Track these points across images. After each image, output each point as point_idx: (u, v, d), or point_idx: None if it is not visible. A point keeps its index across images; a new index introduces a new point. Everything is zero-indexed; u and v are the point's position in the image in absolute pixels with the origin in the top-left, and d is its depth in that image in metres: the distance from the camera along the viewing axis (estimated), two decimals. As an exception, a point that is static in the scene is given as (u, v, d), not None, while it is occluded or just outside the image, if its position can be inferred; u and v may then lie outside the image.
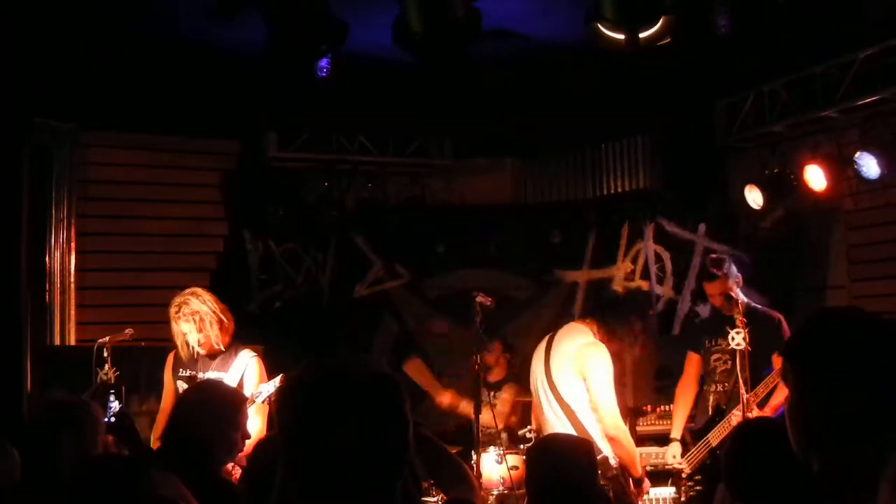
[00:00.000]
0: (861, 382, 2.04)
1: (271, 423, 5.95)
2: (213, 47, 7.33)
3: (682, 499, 6.76)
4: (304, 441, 2.12)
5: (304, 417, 2.14)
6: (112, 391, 6.00)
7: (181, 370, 6.07)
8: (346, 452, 2.08)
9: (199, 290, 6.05)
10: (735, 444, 3.65)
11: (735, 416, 6.34)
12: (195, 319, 5.90)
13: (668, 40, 5.50)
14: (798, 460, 2.15)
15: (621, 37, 5.32)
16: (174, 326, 5.97)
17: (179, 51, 7.43)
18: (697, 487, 6.68)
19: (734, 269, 6.71)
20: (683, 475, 6.74)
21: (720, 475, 6.20)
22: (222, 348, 6.00)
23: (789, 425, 2.15)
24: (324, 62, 6.93)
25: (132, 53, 7.46)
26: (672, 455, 6.78)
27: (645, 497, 6.38)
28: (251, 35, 6.36)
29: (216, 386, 4.75)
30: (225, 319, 6.00)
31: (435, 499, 6.34)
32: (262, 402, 5.73)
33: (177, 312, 5.93)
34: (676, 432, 6.88)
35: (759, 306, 6.78)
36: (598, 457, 5.07)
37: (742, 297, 6.59)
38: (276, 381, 5.77)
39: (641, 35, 5.32)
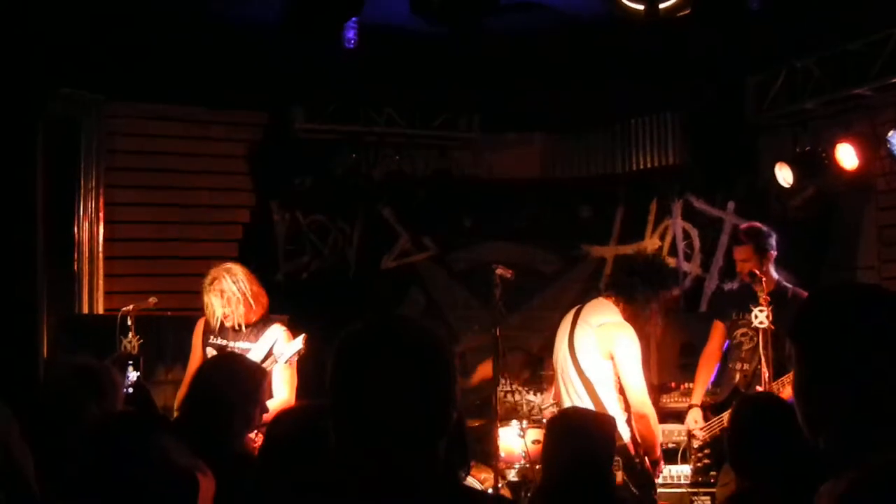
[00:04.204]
0: (862, 360, 2.01)
1: (301, 389, 5.98)
2: (241, 18, 7.33)
3: (691, 468, 6.80)
4: (352, 398, 2.16)
5: (351, 375, 2.18)
6: (130, 361, 6.04)
7: (212, 337, 6.11)
8: (393, 409, 2.12)
9: (234, 269, 6.07)
10: (736, 420, 3.63)
11: None
12: (222, 296, 5.97)
13: (688, 11, 5.44)
14: (800, 435, 2.14)
15: (641, 7, 5.27)
16: (204, 297, 6.04)
17: (207, 22, 7.43)
18: (706, 461, 6.69)
19: (771, 243, 6.60)
20: (695, 445, 6.75)
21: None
22: (243, 328, 6.04)
23: (796, 404, 2.14)
24: (351, 33, 6.91)
25: (160, 24, 7.47)
26: (694, 420, 6.76)
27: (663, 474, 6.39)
28: (280, 7, 6.36)
29: (236, 360, 4.77)
30: (253, 301, 6.03)
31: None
32: (286, 363, 5.77)
33: (209, 284, 6.01)
34: (696, 399, 6.86)
35: (790, 286, 6.70)
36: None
37: (773, 274, 6.54)
38: (299, 342, 5.82)
39: (661, 6, 5.26)
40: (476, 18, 5.40)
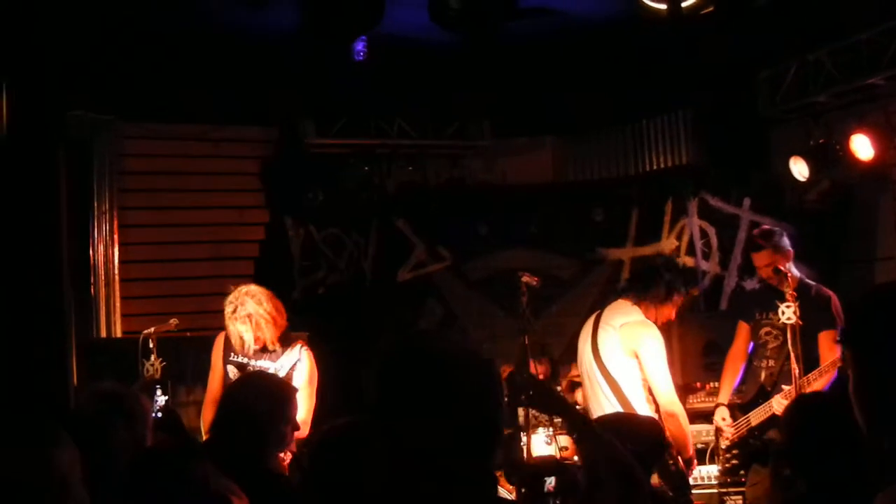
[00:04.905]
0: None
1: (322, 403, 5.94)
2: (248, 35, 7.34)
3: (719, 468, 6.77)
4: (395, 417, 2.11)
5: (392, 394, 2.13)
6: (158, 386, 5.99)
7: (232, 355, 6.02)
8: (435, 429, 2.07)
9: (253, 290, 5.96)
10: (792, 418, 3.60)
11: (777, 401, 6.31)
12: (250, 321, 5.85)
13: (711, 9, 5.42)
14: (855, 432, 2.11)
15: (663, 7, 5.25)
16: (229, 326, 5.93)
17: (216, 40, 7.44)
18: (734, 461, 6.65)
19: (786, 242, 6.58)
20: (723, 446, 6.71)
21: (756, 455, 6.23)
22: (276, 348, 5.97)
23: (855, 405, 2.10)
24: (360, 46, 6.91)
25: (168, 43, 7.48)
26: (721, 417, 6.72)
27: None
28: (287, 22, 6.35)
29: (265, 378, 4.73)
30: (279, 318, 5.97)
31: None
32: (285, 375, 5.70)
33: (233, 313, 5.87)
34: (723, 398, 6.83)
35: (813, 283, 6.66)
36: None
37: (794, 272, 6.49)
38: (296, 353, 5.77)
39: (684, 4, 5.24)
40: (494, 25, 5.39)
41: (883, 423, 2.03)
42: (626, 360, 5.95)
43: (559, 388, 8.22)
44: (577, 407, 7.14)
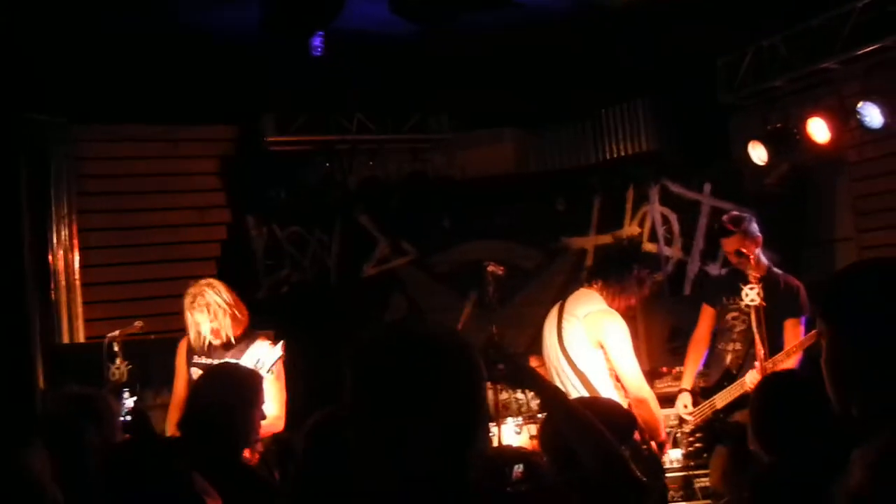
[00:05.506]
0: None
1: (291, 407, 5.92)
2: (204, 31, 7.28)
3: (682, 451, 6.81)
4: (371, 407, 2.09)
5: (371, 381, 2.10)
6: (125, 388, 5.95)
7: (195, 357, 6.02)
8: (416, 417, 2.04)
9: (214, 282, 6.01)
10: (761, 397, 3.64)
11: (751, 375, 6.34)
12: (209, 310, 5.87)
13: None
14: (824, 409, 2.15)
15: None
16: (188, 316, 5.93)
17: (171, 37, 7.38)
18: (697, 444, 6.70)
19: (754, 227, 6.61)
20: (687, 429, 6.76)
21: (720, 438, 6.28)
22: (233, 341, 5.96)
23: (827, 377, 2.14)
24: (317, 41, 6.88)
25: (123, 42, 7.40)
26: (683, 405, 6.77)
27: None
28: (243, 17, 6.32)
29: (231, 367, 4.72)
30: (238, 313, 5.96)
31: None
32: (268, 372, 5.69)
33: (191, 303, 5.91)
34: (687, 383, 6.87)
35: (781, 272, 6.70)
36: None
37: (763, 260, 6.53)
38: (278, 349, 5.77)
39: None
40: (454, 15, 5.40)
41: (853, 395, 2.07)
42: (592, 351, 5.97)
43: None
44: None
